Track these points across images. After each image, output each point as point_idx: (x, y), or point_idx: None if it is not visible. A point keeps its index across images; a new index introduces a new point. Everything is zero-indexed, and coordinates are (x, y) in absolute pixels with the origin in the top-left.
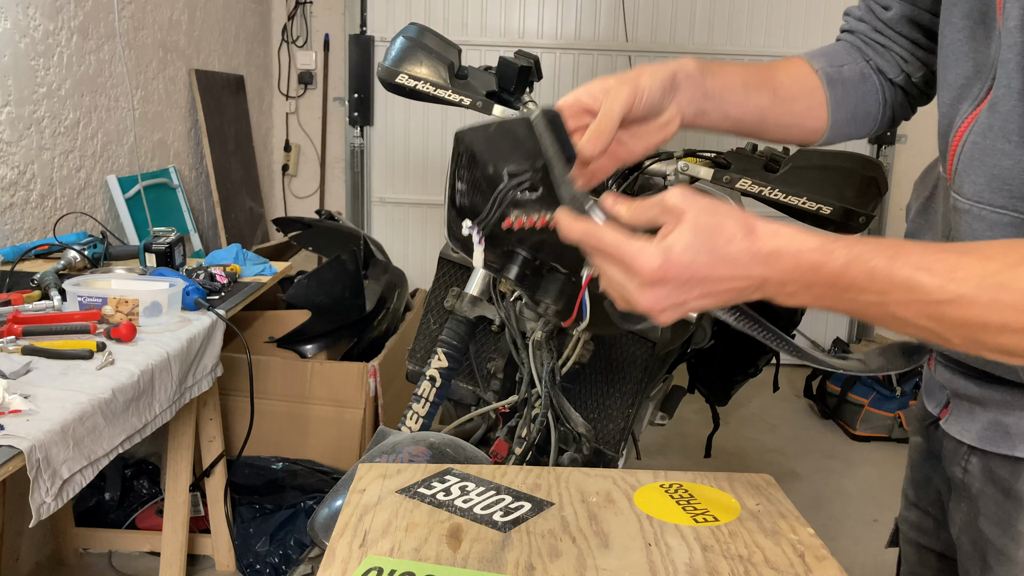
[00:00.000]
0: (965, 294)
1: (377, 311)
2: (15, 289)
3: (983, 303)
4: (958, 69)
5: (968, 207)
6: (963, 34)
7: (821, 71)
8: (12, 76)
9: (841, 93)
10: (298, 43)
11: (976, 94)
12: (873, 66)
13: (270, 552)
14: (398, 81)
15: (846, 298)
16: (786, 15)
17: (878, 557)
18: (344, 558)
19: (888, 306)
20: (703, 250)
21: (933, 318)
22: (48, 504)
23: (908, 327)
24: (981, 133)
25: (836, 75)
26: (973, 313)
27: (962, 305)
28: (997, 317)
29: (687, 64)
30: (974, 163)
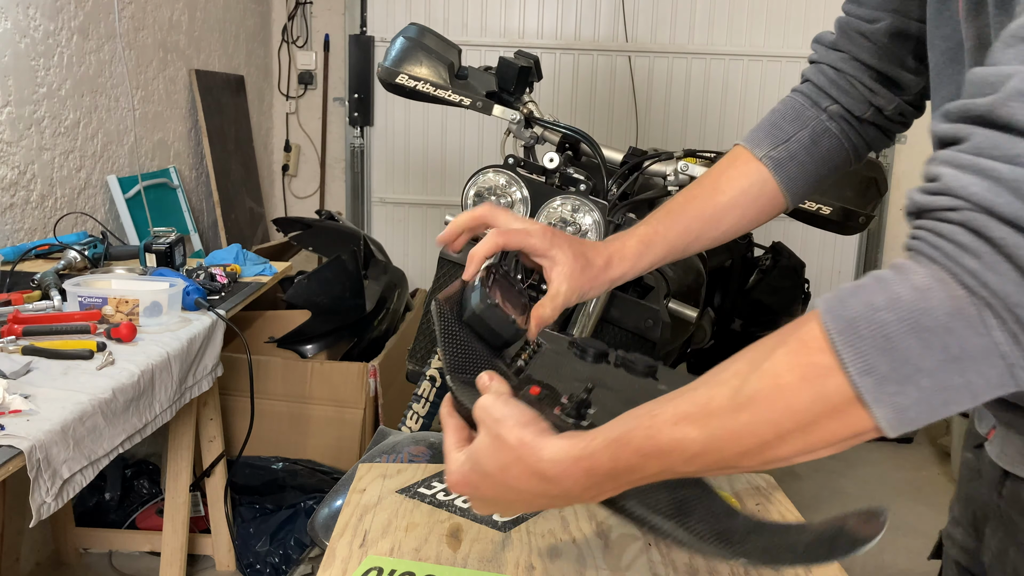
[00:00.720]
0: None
1: (377, 311)
2: (15, 289)
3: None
4: (943, 91)
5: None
6: (945, 57)
7: (766, 158)
8: (12, 76)
9: (794, 169)
10: (298, 43)
11: None
12: (834, 112)
13: (270, 552)
14: (398, 81)
15: (638, 479)
16: (786, 15)
17: (878, 557)
18: (344, 558)
19: (672, 470)
20: (488, 473)
21: (719, 462)
22: (48, 504)
23: (708, 474)
24: None
25: (784, 154)
26: (745, 442)
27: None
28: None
29: (621, 266)
30: None
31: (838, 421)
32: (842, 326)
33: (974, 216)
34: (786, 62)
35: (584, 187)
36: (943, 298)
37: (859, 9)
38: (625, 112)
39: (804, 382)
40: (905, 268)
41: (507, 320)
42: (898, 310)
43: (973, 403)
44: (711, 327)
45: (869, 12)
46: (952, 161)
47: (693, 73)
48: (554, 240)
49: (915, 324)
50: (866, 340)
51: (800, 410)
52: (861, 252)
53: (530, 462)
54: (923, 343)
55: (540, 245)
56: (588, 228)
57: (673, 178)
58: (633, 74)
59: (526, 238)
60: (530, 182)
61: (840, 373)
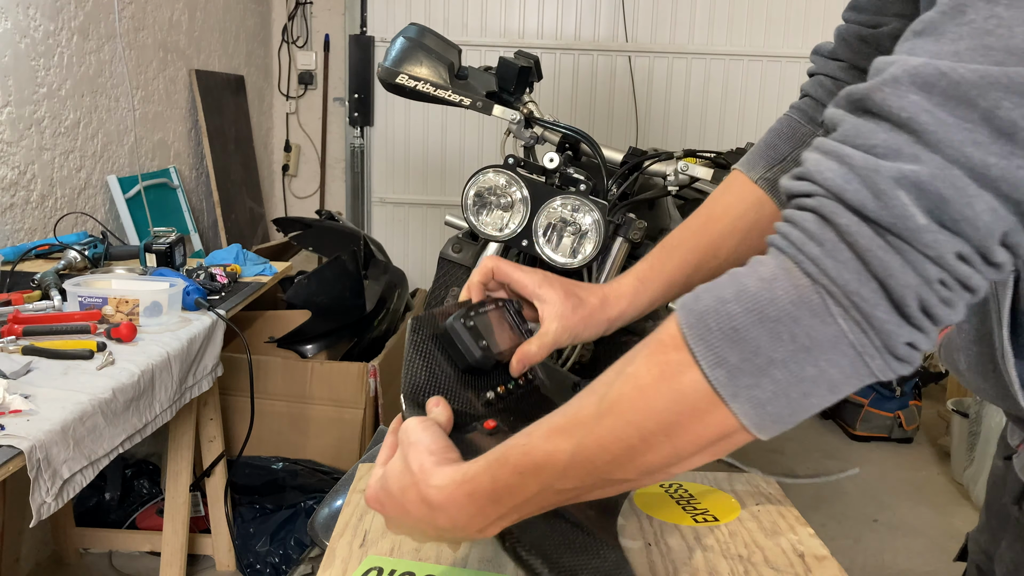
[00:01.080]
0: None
1: (377, 311)
2: (15, 289)
3: (609, 437)
4: None
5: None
6: None
7: (761, 180)
8: (12, 76)
9: None
10: (298, 43)
11: None
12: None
13: (270, 552)
14: (398, 81)
15: (520, 502)
16: (786, 15)
17: (878, 557)
18: (344, 558)
19: (551, 487)
20: (391, 494)
21: (593, 474)
22: (48, 504)
23: (582, 495)
24: None
25: (779, 175)
26: (612, 449)
27: (591, 449)
28: (619, 445)
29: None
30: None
31: (700, 421)
32: (693, 321)
33: (824, 202)
34: (786, 62)
35: (584, 187)
36: (787, 287)
37: (859, 15)
38: (625, 112)
39: (661, 380)
40: (756, 260)
41: (474, 342)
42: (744, 301)
43: (834, 396)
44: None
45: (870, 17)
46: (820, 147)
47: (693, 73)
48: (545, 280)
49: (761, 314)
50: (715, 333)
51: (660, 409)
52: None
53: (421, 488)
54: (771, 333)
55: (529, 282)
56: (588, 228)
57: (673, 178)
58: (633, 74)
59: (514, 270)
60: (530, 182)
61: (694, 368)
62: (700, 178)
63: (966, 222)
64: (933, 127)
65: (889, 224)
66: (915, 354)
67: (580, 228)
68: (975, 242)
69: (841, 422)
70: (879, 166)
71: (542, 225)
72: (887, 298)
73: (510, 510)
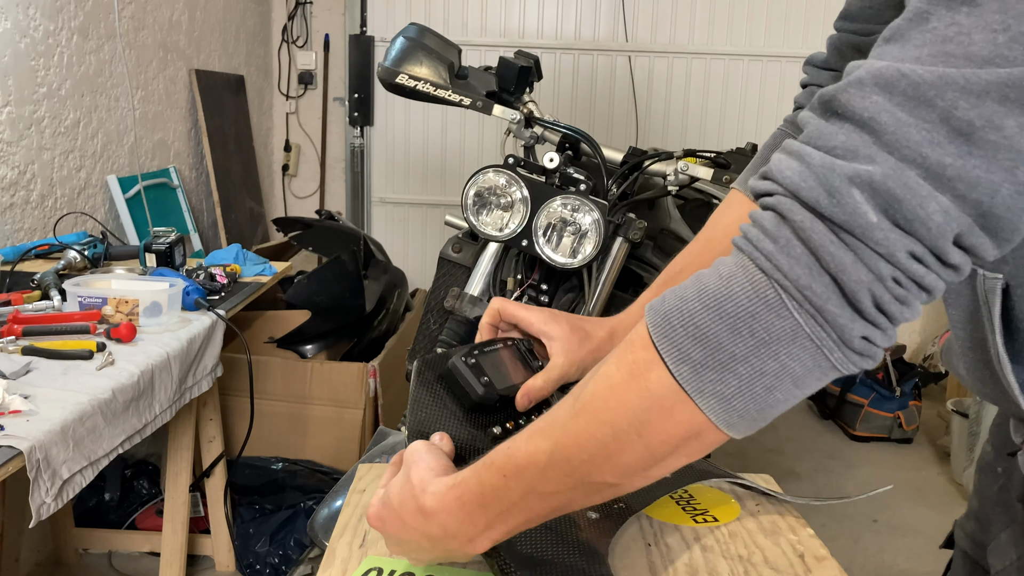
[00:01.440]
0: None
1: (377, 311)
2: (15, 289)
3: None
4: None
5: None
6: None
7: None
8: (12, 76)
9: None
10: (298, 43)
11: None
12: None
13: (270, 552)
14: (398, 81)
15: (500, 508)
16: (786, 15)
17: (878, 557)
18: (344, 558)
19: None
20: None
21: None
22: (48, 504)
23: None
24: None
25: None
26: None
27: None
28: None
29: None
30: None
31: (669, 418)
32: (658, 320)
33: (782, 200)
34: (786, 62)
35: (584, 187)
36: (744, 283)
37: (852, 24)
38: (625, 112)
39: (631, 379)
40: (719, 261)
41: (476, 379)
42: (705, 299)
43: (799, 390)
44: None
45: (862, 26)
46: (786, 148)
47: (693, 73)
48: (551, 317)
49: (720, 311)
50: (678, 330)
51: (631, 407)
52: None
53: (417, 496)
54: (731, 329)
55: (535, 320)
56: (588, 228)
57: (673, 178)
58: (633, 74)
59: (520, 309)
60: (530, 182)
61: (660, 365)
62: (700, 178)
63: (919, 222)
64: (892, 127)
65: (842, 221)
66: (873, 348)
67: (580, 228)
68: (928, 242)
69: (841, 422)
70: (835, 165)
71: (542, 225)
72: (839, 293)
73: (497, 517)
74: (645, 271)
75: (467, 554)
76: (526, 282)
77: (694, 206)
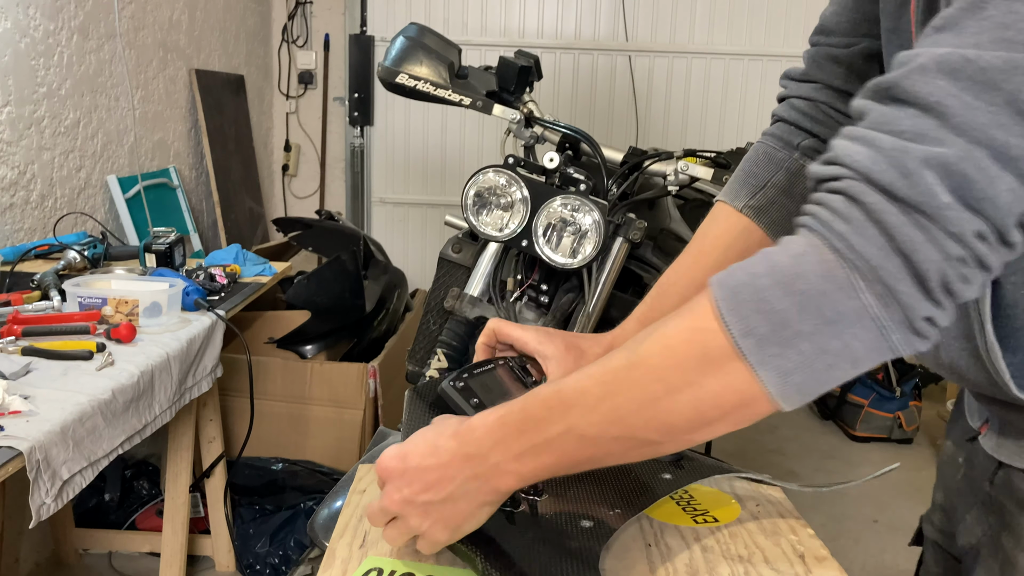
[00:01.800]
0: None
1: (377, 311)
2: (15, 289)
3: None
4: None
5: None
6: None
7: (746, 208)
8: (12, 76)
9: (775, 213)
10: (298, 43)
11: None
12: (807, 147)
13: (270, 553)
14: (398, 81)
15: (536, 440)
16: (786, 15)
17: (878, 557)
18: (344, 559)
19: (575, 429)
20: (412, 448)
21: (617, 423)
22: (48, 505)
23: (608, 447)
24: None
25: (764, 201)
26: (636, 394)
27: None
28: (643, 393)
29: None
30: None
31: (725, 385)
32: (725, 293)
33: (853, 184)
34: (786, 62)
35: (584, 187)
36: (815, 262)
37: (829, 38)
38: (625, 112)
39: (690, 344)
40: (786, 240)
41: (466, 401)
42: (775, 275)
43: (855, 369)
44: None
45: (841, 39)
46: (848, 134)
47: (693, 73)
48: (546, 336)
49: (789, 288)
50: (746, 304)
51: (687, 369)
52: None
53: (460, 422)
54: (799, 306)
55: (530, 339)
56: (588, 228)
57: (673, 178)
58: (633, 74)
59: (515, 329)
60: (530, 182)
61: (723, 335)
62: (700, 178)
63: (988, 201)
64: (959, 110)
65: (916, 203)
66: (933, 330)
67: (580, 228)
68: (995, 221)
69: (841, 423)
70: (907, 148)
71: (542, 225)
72: (910, 273)
73: (531, 449)
74: (645, 271)
75: (494, 489)
76: (526, 282)
77: (694, 206)
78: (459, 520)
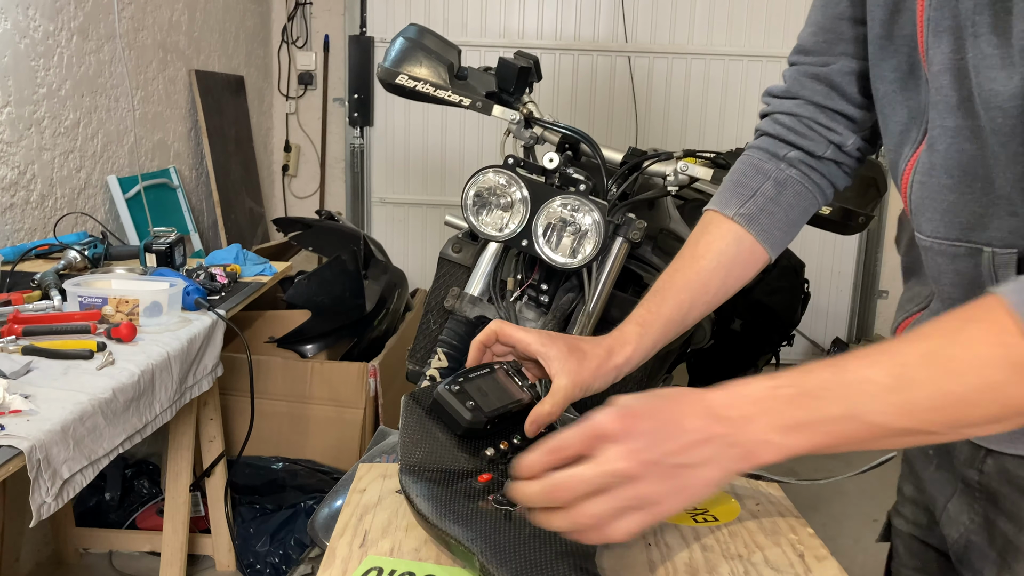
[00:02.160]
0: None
1: (377, 311)
2: (15, 289)
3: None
4: (896, 117)
5: (929, 243)
6: (895, 85)
7: (737, 216)
8: (12, 76)
9: (765, 220)
10: (298, 44)
11: (914, 138)
12: (793, 159)
13: (270, 552)
14: (398, 82)
15: (810, 417)
16: (786, 15)
17: (878, 557)
18: (344, 558)
19: (859, 416)
20: (661, 401)
21: (906, 416)
22: (48, 504)
23: (886, 436)
24: (925, 172)
25: (753, 209)
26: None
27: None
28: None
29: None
30: (925, 201)
31: None
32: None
33: None
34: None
35: (584, 187)
36: None
37: (808, 57)
38: (625, 112)
39: (992, 347)
40: None
41: (462, 404)
42: None
43: None
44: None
45: (819, 58)
46: None
47: (693, 73)
48: (548, 339)
49: None
50: None
51: (991, 372)
52: (861, 252)
53: (696, 391)
54: None
55: (532, 341)
56: (588, 228)
57: (673, 178)
58: (633, 74)
59: (517, 331)
60: (530, 182)
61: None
62: (700, 178)
63: None
64: None
65: None
66: None
67: (580, 228)
68: None
69: None
70: None
71: (542, 225)
72: None
73: (802, 424)
74: (645, 271)
75: (749, 458)
76: (526, 282)
77: (694, 206)
78: (699, 489)
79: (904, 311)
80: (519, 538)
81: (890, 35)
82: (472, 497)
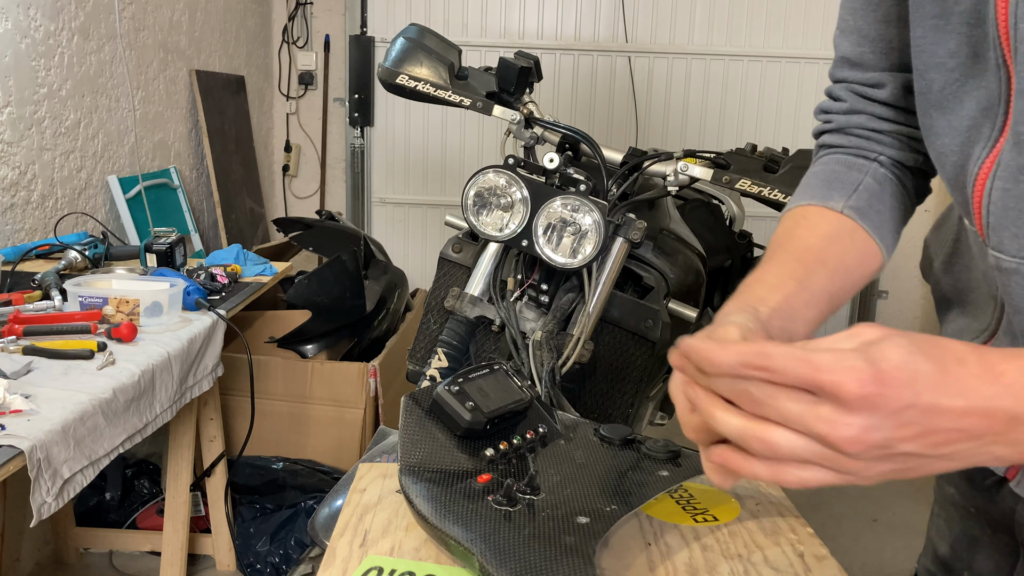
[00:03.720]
0: None
1: (377, 311)
2: (16, 289)
3: None
4: (960, 111)
5: (1016, 265)
6: (955, 73)
7: (847, 209)
8: (13, 76)
9: (875, 217)
10: (298, 44)
11: (987, 135)
12: (885, 161)
13: (270, 552)
14: (398, 82)
15: None
16: (786, 15)
17: (878, 557)
18: (344, 558)
19: None
20: (925, 369)
21: None
22: (49, 504)
23: None
24: (1010, 177)
25: (862, 202)
26: None
27: None
28: None
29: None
30: (1010, 213)
31: None
32: None
33: None
34: (786, 62)
35: (584, 187)
36: None
37: (862, 74)
38: (625, 112)
39: None
40: None
41: (461, 405)
42: None
43: None
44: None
45: (873, 76)
46: None
47: (693, 73)
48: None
49: None
50: None
51: None
52: None
53: (1002, 360)
54: None
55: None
56: (588, 228)
57: (673, 178)
58: (633, 74)
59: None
60: (530, 182)
61: None
62: (700, 178)
63: None
64: None
65: None
66: None
67: (580, 228)
68: None
69: None
70: None
71: (542, 225)
72: None
73: None
74: (645, 271)
75: (1009, 461)
76: (526, 282)
77: (694, 206)
78: (916, 474)
79: None
80: (518, 538)
81: (946, 13)
82: (472, 497)
